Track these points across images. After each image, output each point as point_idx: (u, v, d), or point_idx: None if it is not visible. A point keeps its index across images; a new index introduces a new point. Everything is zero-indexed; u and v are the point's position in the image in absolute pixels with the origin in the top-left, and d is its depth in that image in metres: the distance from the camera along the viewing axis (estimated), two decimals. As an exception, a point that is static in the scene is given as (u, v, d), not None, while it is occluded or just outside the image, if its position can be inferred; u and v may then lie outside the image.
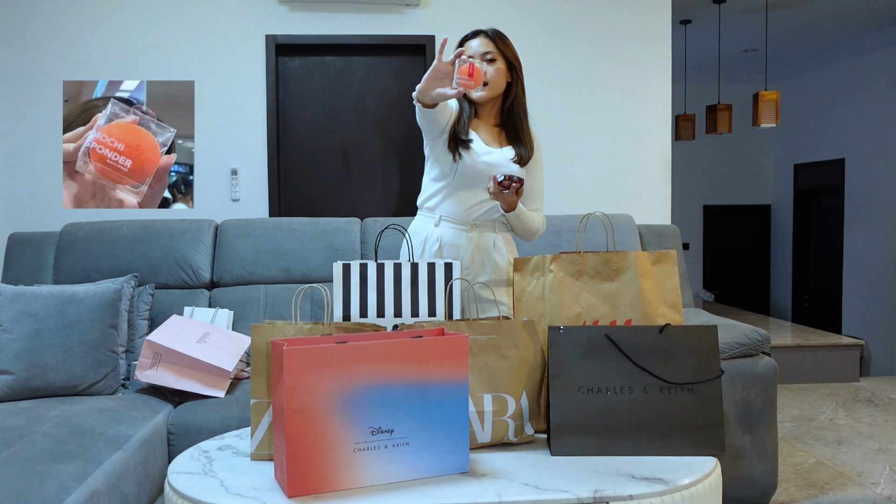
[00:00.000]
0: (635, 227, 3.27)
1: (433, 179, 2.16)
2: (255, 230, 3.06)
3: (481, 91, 2.08)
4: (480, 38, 2.10)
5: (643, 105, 3.82)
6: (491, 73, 2.08)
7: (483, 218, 2.13)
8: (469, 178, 2.09)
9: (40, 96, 3.52)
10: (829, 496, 2.80)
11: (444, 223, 2.13)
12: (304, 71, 3.74)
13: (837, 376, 4.80)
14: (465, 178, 2.10)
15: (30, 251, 3.00)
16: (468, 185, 2.10)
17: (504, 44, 2.11)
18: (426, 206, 2.18)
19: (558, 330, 1.53)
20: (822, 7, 5.30)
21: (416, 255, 2.16)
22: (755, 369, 2.53)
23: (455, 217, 2.12)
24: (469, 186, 2.11)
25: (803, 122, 7.47)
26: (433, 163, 2.15)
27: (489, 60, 2.08)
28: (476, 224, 2.12)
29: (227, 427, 2.28)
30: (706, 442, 1.49)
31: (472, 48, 2.10)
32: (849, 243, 6.74)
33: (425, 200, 2.18)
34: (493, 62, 2.08)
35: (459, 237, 2.11)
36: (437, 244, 2.12)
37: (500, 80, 2.10)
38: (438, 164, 2.12)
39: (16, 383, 2.31)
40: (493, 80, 2.08)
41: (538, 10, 3.73)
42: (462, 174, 2.09)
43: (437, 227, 2.14)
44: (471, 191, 2.11)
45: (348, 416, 1.29)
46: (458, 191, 2.12)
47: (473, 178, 2.09)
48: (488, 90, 2.09)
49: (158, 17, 3.57)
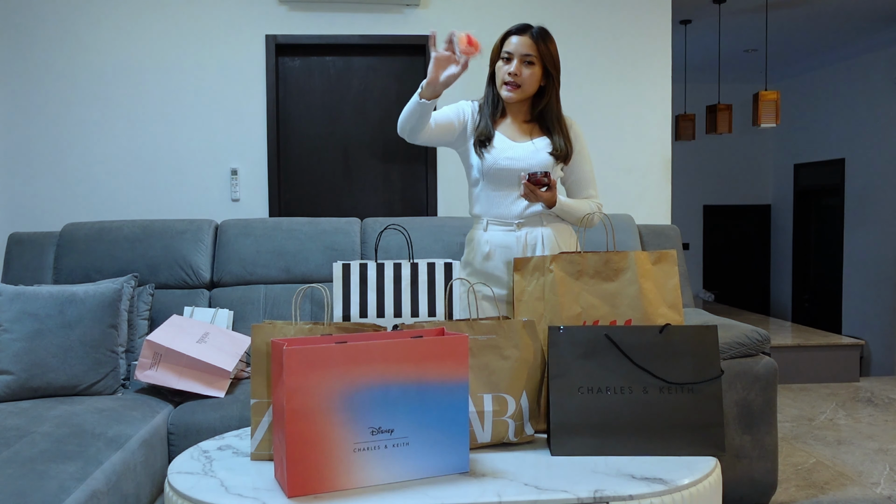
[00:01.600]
0: (635, 227, 3.27)
1: (471, 186, 2.17)
2: (255, 230, 3.06)
3: (510, 92, 2.06)
4: (525, 37, 2.05)
5: (643, 105, 3.82)
6: (525, 76, 2.05)
7: (527, 214, 2.09)
8: (496, 176, 2.08)
9: (40, 96, 3.52)
10: (829, 496, 2.80)
11: (491, 227, 2.12)
12: (304, 71, 3.74)
13: (837, 376, 4.80)
14: (493, 178, 2.09)
15: (30, 251, 3.00)
16: (499, 184, 2.09)
17: (546, 48, 2.06)
18: (474, 214, 2.18)
19: (558, 330, 1.53)
20: (822, 7, 5.30)
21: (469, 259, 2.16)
22: (755, 369, 2.53)
23: (499, 219, 2.11)
24: (500, 185, 2.09)
25: (803, 122, 7.47)
26: (468, 169, 2.16)
27: (528, 63, 2.04)
28: (522, 222, 2.10)
29: (227, 427, 2.28)
30: (706, 442, 1.49)
31: (513, 45, 2.05)
32: (849, 243, 6.74)
33: (473, 207, 2.19)
34: (532, 65, 2.05)
35: (507, 238, 2.10)
36: (486, 247, 2.10)
37: (533, 83, 2.07)
38: (471, 169, 2.14)
39: (16, 383, 2.31)
40: (526, 82, 2.05)
41: (538, 11, 3.73)
42: (488, 174, 2.09)
43: (485, 231, 2.13)
44: (503, 189, 2.09)
45: (348, 416, 1.29)
46: (492, 191, 2.11)
47: (501, 176, 2.08)
48: (518, 92, 2.06)
49: (159, 17, 3.57)
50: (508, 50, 2.06)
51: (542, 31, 2.09)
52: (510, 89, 2.06)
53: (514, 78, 2.04)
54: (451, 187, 3.73)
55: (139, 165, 3.58)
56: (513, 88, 2.06)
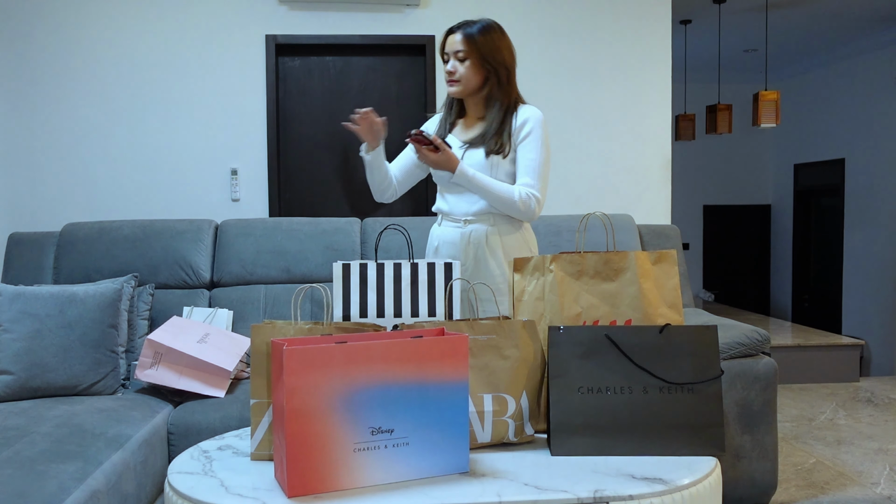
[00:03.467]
0: (635, 227, 3.27)
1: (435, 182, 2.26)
2: (255, 230, 3.06)
3: (451, 87, 2.15)
4: (455, 34, 2.13)
5: (643, 105, 3.82)
6: (461, 72, 2.12)
7: (473, 213, 2.15)
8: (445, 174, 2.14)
9: (40, 97, 3.52)
10: (829, 496, 2.80)
11: (444, 223, 2.22)
12: (304, 71, 3.74)
13: (837, 376, 4.80)
14: (440, 178, 2.19)
15: (30, 251, 3.00)
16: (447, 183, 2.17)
17: (482, 41, 2.10)
18: (435, 209, 2.27)
19: (558, 330, 1.53)
20: (822, 7, 5.30)
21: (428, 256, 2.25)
22: (755, 369, 2.53)
23: (450, 216, 2.20)
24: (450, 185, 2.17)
25: (803, 122, 7.47)
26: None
27: (460, 59, 2.12)
28: (470, 219, 2.15)
29: (227, 427, 2.28)
30: (706, 442, 1.49)
31: (447, 44, 2.15)
32: (849, 243, 6.74)
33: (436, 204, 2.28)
34: (465, 61, 2.12)
35: (454, 234, 2.17)
36: (436, 242, 2.22)
37: (472, 76, 2.12)
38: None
39: (16, 383, 2.31)
40: (464, 77, 2.12)
41: (538, 11, 3.73)
42: (436, 174, 2.20)
43: (438, 226, 2.24)
44: (454, 188, 2.17)
45: (348, 416, 1.29)
46: (446, 191, 2.21)
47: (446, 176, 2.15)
48: (459, 87, 2.14)
49: (159, 17, 3.57)
50: (445, 50, 2.16)
51: (482, 25, 2.12)
52: (450, 85, 2.15)
53: (450, 75, 2.14)
54: (451, 187, 3.73)
55: (139, 165, 3.58)
56: (452, 83, 2.14)
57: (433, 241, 2.24)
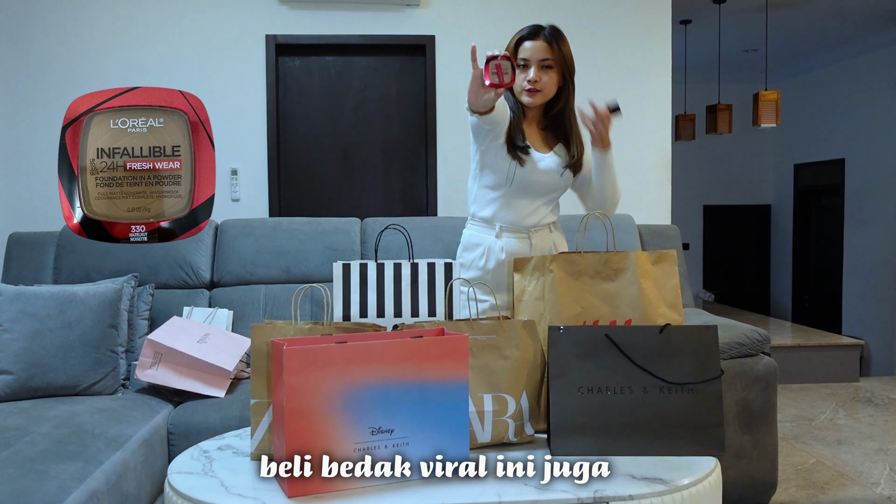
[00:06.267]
0: (635, 227, 3.27)
1: (487, 187, 2.09)
2: (255, 230, 3.06)
3: (531, 97, 2.02)
4: (539, 41, 2.00)
5: (643, 105, 3.82)
6: (545, 81, 2.00)
7: (540, 224, 2.10)
8: (525, 186, 2.05)
9: (40, 96, 3.51)
10: (829, 496, 2.80)
11: (505, 234, 2.09)
12: (304, 71, 3.74)
13: (837, 376, 4.80)
14: (522, 187, 2.05)
15: (30, 251, 2.99)
16: (525, 193, 2.06)
17: (560, 50, 2.01)
18: (481, 216, 2.11)
19: (558, 330, 1.53)
20: (822, 7, 5.30)
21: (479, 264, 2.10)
22: (755, 369, 2.53)
23: (514, 226, 2.08)
24: (525, 194, 2.07)
25: (803, 122, 7.47)
26: (486, 170, 2.08)
27: (545, 68, 2.00)
28: (535, 230, 2.10)
29: (227, 427, 2.28)
30: (706, 442, 1.49)
31: (528, 51, 2.00)
32: (849, 243, 6.73)
33: (480, 209, 2.11)
34: (550, 69, 2.01)
35: (521, 246, 2.08)
36: (502, 254, 2.07)
37: (553, 87, 2.04)
38: (493, 172, 2.06)
39: (16, 383, 2.31)
40: (547, 86, 2.01)
41: (538, 11, 3.73)
42: (519, 182, 2.04)
43: (498, 238, 2.09)
44: (526, 198, 2.07)
45: (348, 416, 1.29)
46: (515, 199, 2.07)
47: (530, 187, 2.06)
48: (539, 97, 2.02)
49: (158, 17, 3.57)
50: (524, 56, 2.00)
51: (555, 31, 2.04)
52: (530, 95, 2.01)
53: (533, 85, 2.00)
54: (451, 187, 3.72)
55: (139, 165, 3.57)
56: (533, 94, 2.01)
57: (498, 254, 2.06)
